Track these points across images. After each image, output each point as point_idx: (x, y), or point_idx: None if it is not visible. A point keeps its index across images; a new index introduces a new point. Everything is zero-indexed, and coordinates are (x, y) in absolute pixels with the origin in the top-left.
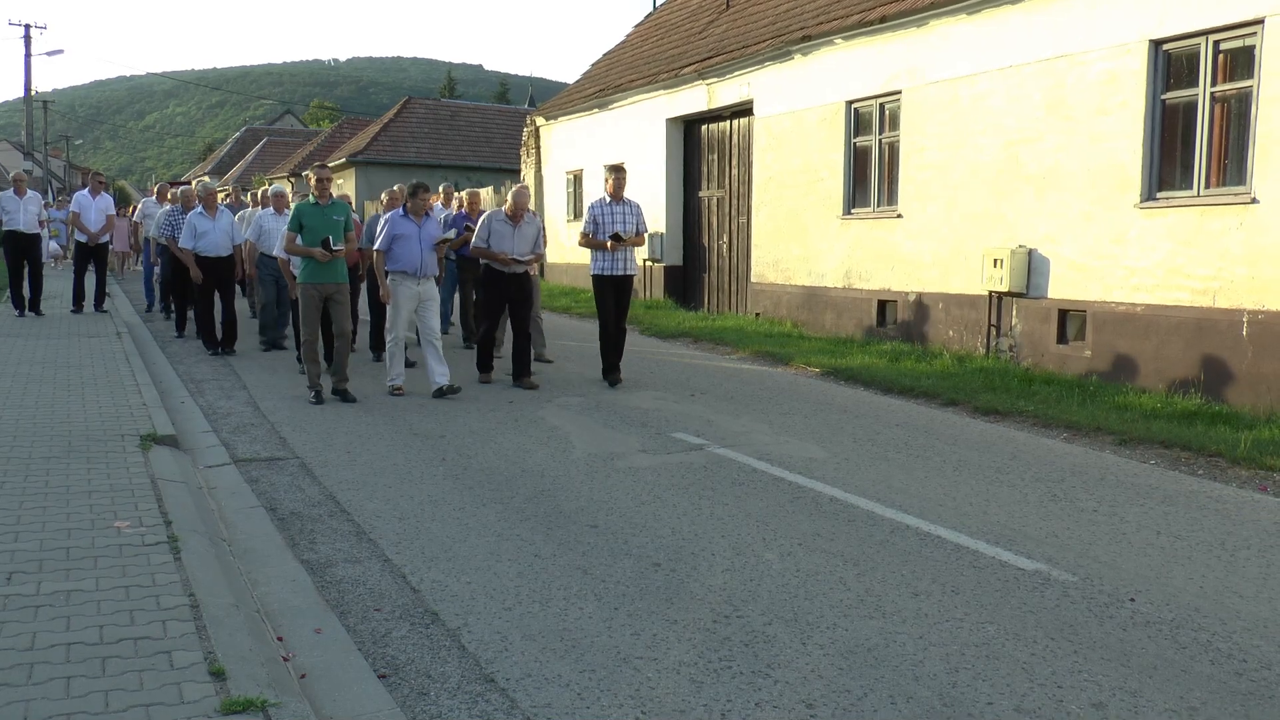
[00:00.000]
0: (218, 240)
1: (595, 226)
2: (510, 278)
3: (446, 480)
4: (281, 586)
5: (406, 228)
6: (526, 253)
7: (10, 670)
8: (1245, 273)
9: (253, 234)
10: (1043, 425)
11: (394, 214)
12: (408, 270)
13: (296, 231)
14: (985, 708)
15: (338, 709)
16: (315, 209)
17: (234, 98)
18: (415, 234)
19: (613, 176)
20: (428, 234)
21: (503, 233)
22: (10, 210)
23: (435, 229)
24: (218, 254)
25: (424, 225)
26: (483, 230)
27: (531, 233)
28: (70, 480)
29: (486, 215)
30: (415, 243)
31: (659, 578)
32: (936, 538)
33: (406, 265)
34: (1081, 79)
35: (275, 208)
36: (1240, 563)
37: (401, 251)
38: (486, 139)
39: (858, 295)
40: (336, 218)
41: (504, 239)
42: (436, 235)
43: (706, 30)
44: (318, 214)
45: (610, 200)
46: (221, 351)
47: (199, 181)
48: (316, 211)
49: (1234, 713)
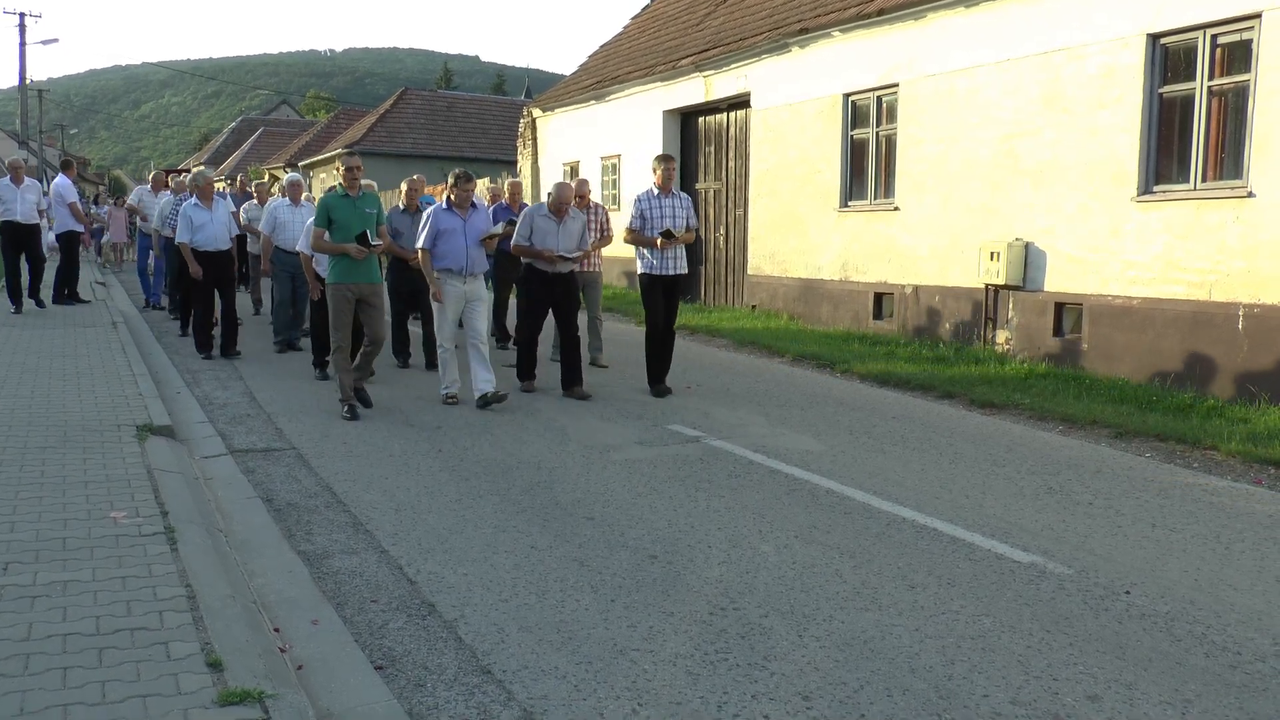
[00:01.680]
0: (215, 233)
1: (643, 222)
2: (555, 278)
3: (443, 472)
4: (278, 577)
5: (450, 222)
6: (573, 250)
7: (7, 661)
8: (1242, 266)
9: (267, 227)
10: (1039, 418)
11: (436, 207)
12: (453, 268)
13: (325, 227)
14: (981, 700)
15: (334, 700)
16: (345, 201)
17: (230, 88)
18: (460, 228)
19: (662, 167)
20: (474, 228)
21: (546, 229)
22: (7, 200)
23: (482, 222)
24: (216, 248)
25: (469, 218)
26: (524, 226)
27: (577, 228)
28: (66, 471)
29: (528, 210)
30: (460, 237)
31: (655, 570)
32: (933, 530)
33: (452, 263)
34: (1079, 72)
35: (291, 198)
36: (1235, 555)
37: (446, 248)
38: (483, 130)
39: (854, 288)
40: (369, 210)
41: (547, 236)
42: (484, 229)
43: (704, 22)
44: (348, 207)
45: (659, 193)
46: (223, 355)
47: (197, 170)
48: (347, 204)
49: (1228, 705)
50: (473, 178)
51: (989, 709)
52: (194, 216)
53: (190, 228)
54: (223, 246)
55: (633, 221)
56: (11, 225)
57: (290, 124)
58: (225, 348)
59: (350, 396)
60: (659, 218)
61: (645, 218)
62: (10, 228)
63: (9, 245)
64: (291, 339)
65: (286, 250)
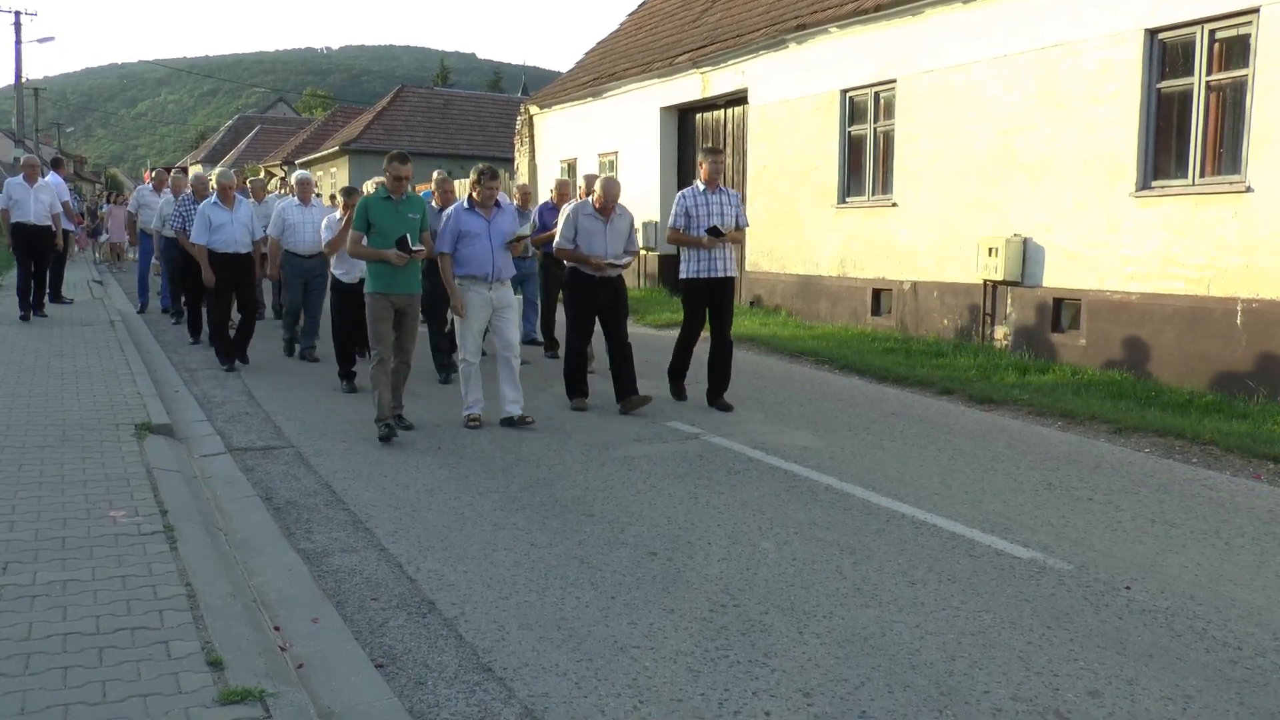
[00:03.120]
0: (235, 234)
1: (687, 220)
2: (603, 282)
3: (442, 469)
4: (278, 576)
5: (473, 223)
6: (621, 253)
7: (7, 660)
8: (1240, 261)
9: (275, 229)
10: (1038, 414)
11: (457, 207)
12: (477, 274)
13: (364, 231)
14: (982, 696)
15: (335, 699)
16: (387, 204)
17: (226, 85)
18: (484, 230)
19: (708, 161)
20: (499, 229)
21: (592, 230)
22: (18, 199)
23: (508, 223)
24: (235, 250)
25: (494, 219)
26: (567, 228)
27: (625, 228)
28: (65, 470)
29: (571, 209)
30: (485, 240)
31: (656, 567)
32: (932, 526)
33: (475, 268)
34: (1076, 68)
35: (301, 197)
36: (1235, 550)
37: (469, 252)
38: (480, 127)
39: (852, 284)
40: (412, 215)
41: (594, 237)
42: (510, 230)
43: (700, 19)
44: (389, 210)
45: (704, 188)
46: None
47: (220, 169)
48: (388, 207)
49: (1229, 700)
50: (497, 174)
51: (990, 705)
52: (213, 216)
53: (208, 228)
54: (242, 249)
55: (675, 220)
56: (22, 227)
57: (287, 122)
58: (237, 349)
59: (388, 414)
60: (704, 214)
61: (690, 215)
62: (20, 229)
63: (19, 248)
64: (305, 349)
65: (297, 254)
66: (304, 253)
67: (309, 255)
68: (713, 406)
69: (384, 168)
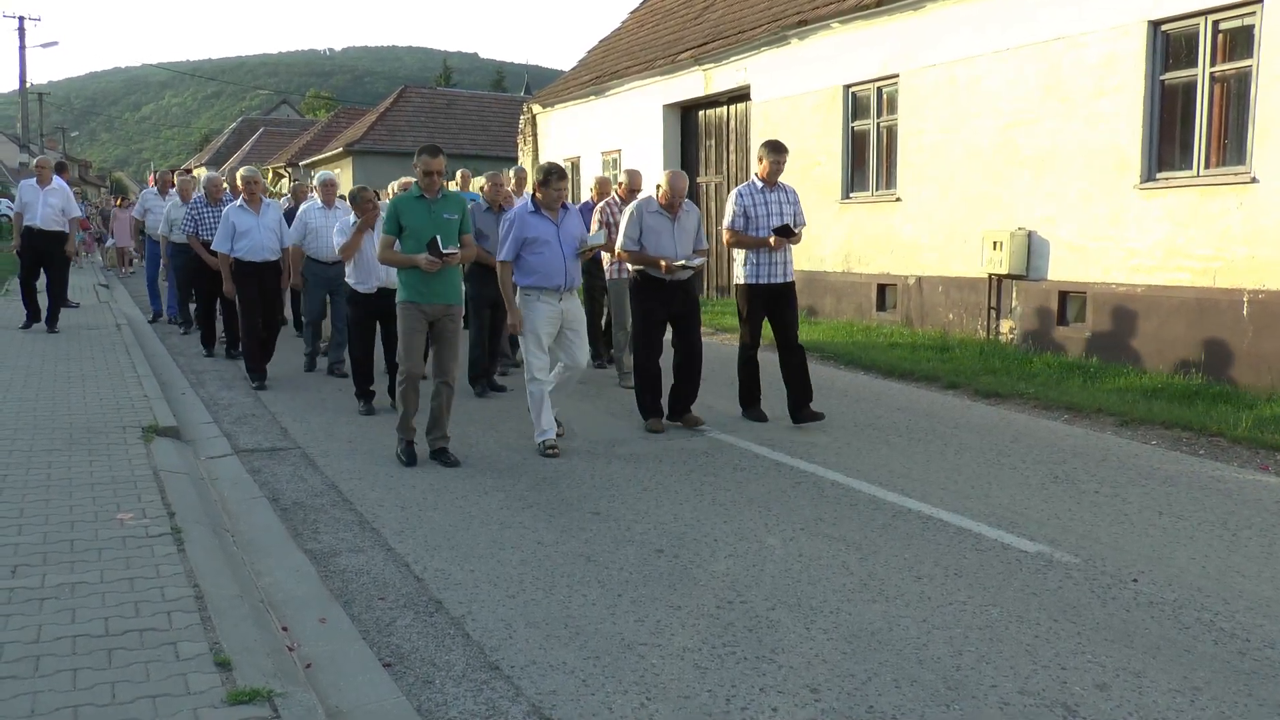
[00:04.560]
0: (262, 241)
1: (745, 221)
2: (674, 286)
3: (447, 469)
4: (285, 577)
5: (541, 227)
6: (690, 253)
7: (17, 663)
8: (1245, 252)
9: (297, 234)
10: (1044, 407)
11: (520, 209)
12: (545, 285)
13: (395, 235)
14: (989, 690)
15: (343, 698)
16: (419, 204)
17: (230, 88)
18: (553, 235)
19: (772, 157)
20: (568, 233)
21: (658, 228)
22: (28, 201)
23: (577, 227)
24: (262, 259)
25: (562, 222)
26: (631, 227)
27: (693, 225)
28: (73, 473)
29: (634, 207)
30: (554, 246)
31: (662, 564)
32: (939, 521)
33: (544, 278)
34: (1079, 61)
35: (323, 200)
36: (1242, 542)
37: (537, 260)
38: (483, 127)
39: (857, 279)
40: (449, 216)
41: (660, 237)
42: (580, 235)
43: (702, 16)
44: (421, 211)
45: (762, 185)
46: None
47: (245, 168)
48: (420, 208)
49: (1237, 691)
50: (565, 174)
51: (997, 699)
52: (237, 221)
53: (231, 235)
54: (270, 257)
55: (733, 220)
56: (30, 231)
57: (291, 123)
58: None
59: (410, 434)
60: (765, 215)
61: (748, 215)
62: (29, 234)
63: (27, 253)
64: (334, 364)
65: (320, 260)
66: (328, 259)
67: (333, 262)
68: (801, 422)
69: (413, 164)
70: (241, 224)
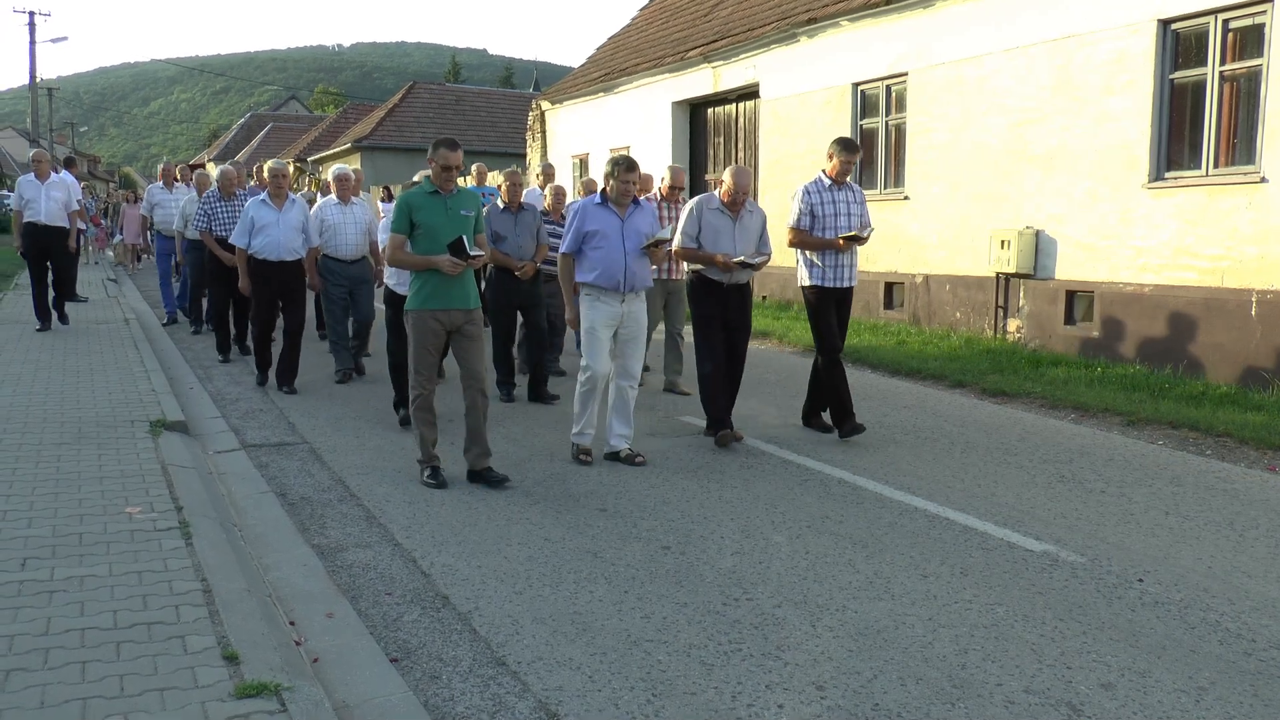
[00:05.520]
0: (283, 238)
1: (812, 220)
2: (731, 290)
3: (455, 464)
4: (293, 571)
5: (605, 221)
6: (752, 253)
7: (27, 655)
8: (1254, 252)
9: (313, 233)
10: (1050, 406)
11: (586, 202)
12: (605, 284)
13: (406, 234)
14: (995, 689)
15: (350, 693)
16: (433, 200)
17: (238, 84)
18: (618, 230)
19: (843, 155)
20: (634, 230)
21: (719, 227)
22: (29, 197)
23: (646, 223)
24: (281, 258)
25: (629, 217)
26: (690, 224)
27: (757, 226)
28: (81, 466)
29: (695, 203)
30: (618, 242)
31: (669, 560)
32: (945, 519)
33: (605, 277)
34: (1089, 59)
35: (339, 195)
36: (1249, 543)
37: (598, 256)
38: (492, 123)
39: (865, 277)
40: (465, 212)
41: (720, 236)
42: (648, 231)
43: (712, 13)
44: (437, 207)
45: (831, 184)
46: (279, 386)
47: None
48: (435, 204)
49: (1242, 692)
50: (635, 165)
51: (1003, 698)
52: (257, 216)
53: (249, 229)
54: (290, 256)
55: (799, 220)
56: (33, 228)
57: (299, 119)
58: (281, 376)
59: (432, 457)
60: (832, 215)
61: (814, 214)
62: (32, 230)
63: (32, 250)
64: (347, 368)
65: (339, 259)
66: (347, 257)
67: (352, 260)
68: (844, 435)
69: (428, 158)
70: (261, 219)
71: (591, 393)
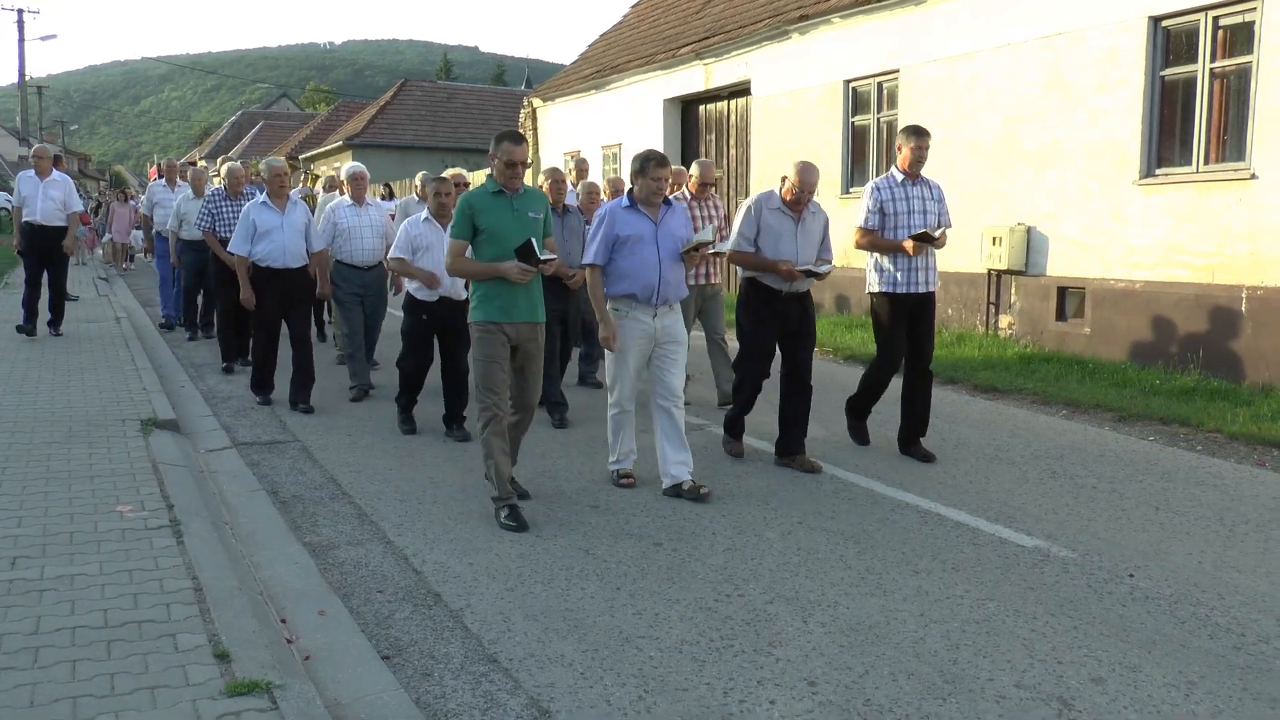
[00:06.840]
0: (289, 244)
1: (882, 218)
2: (790, 299)
3: (447, 462)
4: (284, 569)
5: (636, 224)
6: (813, 259)
7: (16, 654)
8: (1245, 249)
9: (325, 237)
10: (1042, 403)
11: (614, 205)
12: (637, 295)
13: (468, 239)
14: (986, 684)
15: (342, 690)
16: (498, 201)
17: (229, 81)
18: (650, 234)
19: (914, 143)
20: (669, 234)
21: (780, 229)
22: (27, 195)
23: (681, 225)
24: (284, 264)
25: (663, 220)
26: (747, 225)
27: (819, 229)
28: (72, 465)
29: (753, 203)
30: (650, 248)
31: (660, 557)
32: (936, 515)
33: (635, 286)
34: (1080, 56)
35: (353, 196)
36: (1239, 538)
37: (627, 265)
38: (484, 121)
39: (856, 275)
40: (534, 214)
41: (781, 239)
42: (684, 235)
43: (703, 10)
44: (502, 209)
45: (903, 178)
46: (292, 406)
47: (269, 158)
48: (500, 205)
49: (1232, 686)
50: (666, 161)
51: (994, 692)
52: (259, 220)
53: (249, 235)
54: (294, 263)
55: (868, 219)
56: (30, 227)
57: (290, 117)
58: (297, 394)
59: (509, 492)
60: (906, 213)
61: (885, 213)
62: (29, 230)
63: (29, 251)
64: (364, 384)
65: (353, 265)
66: (363, 264)
67: (368, 266)
68: (908, 454)
69: (490, 154)
70: (263, 222)
71: (624, 418)
